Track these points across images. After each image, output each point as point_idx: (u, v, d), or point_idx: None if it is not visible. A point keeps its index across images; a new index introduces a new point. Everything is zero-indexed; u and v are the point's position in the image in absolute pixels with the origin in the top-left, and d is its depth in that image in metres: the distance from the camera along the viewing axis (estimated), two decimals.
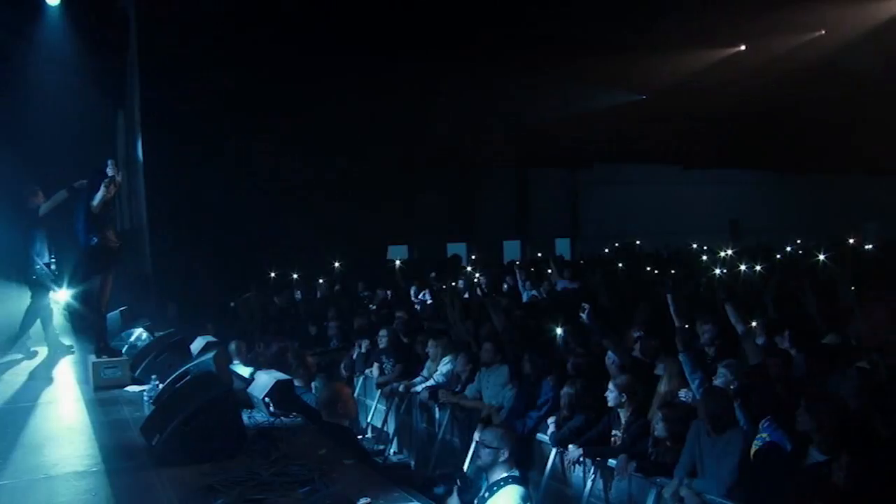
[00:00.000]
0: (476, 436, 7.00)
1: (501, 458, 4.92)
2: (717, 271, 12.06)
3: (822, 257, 12.85)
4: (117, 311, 10.19)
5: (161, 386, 6.54)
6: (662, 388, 6.95)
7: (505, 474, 4.92)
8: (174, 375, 6.42)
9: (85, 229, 7.53)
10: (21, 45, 13.03)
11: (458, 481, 5.17)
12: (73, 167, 9.21)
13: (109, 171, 7.46)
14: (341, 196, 18.56)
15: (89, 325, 8.66)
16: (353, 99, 17.98)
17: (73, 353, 9.32)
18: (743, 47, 21.58)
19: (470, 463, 7.43)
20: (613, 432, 6.65)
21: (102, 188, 7.45)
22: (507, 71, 19.19)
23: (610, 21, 18.23)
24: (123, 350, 8.57)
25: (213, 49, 15.36)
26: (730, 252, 16.03)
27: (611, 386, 6.67)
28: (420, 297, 14.03)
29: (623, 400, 6.60)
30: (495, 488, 4.88)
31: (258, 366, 8.98)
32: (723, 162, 27.40)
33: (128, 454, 5.37)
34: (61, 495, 4.61)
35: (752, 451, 5.62)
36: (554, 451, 7.01)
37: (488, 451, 4.94)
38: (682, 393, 6.70)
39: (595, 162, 26.46)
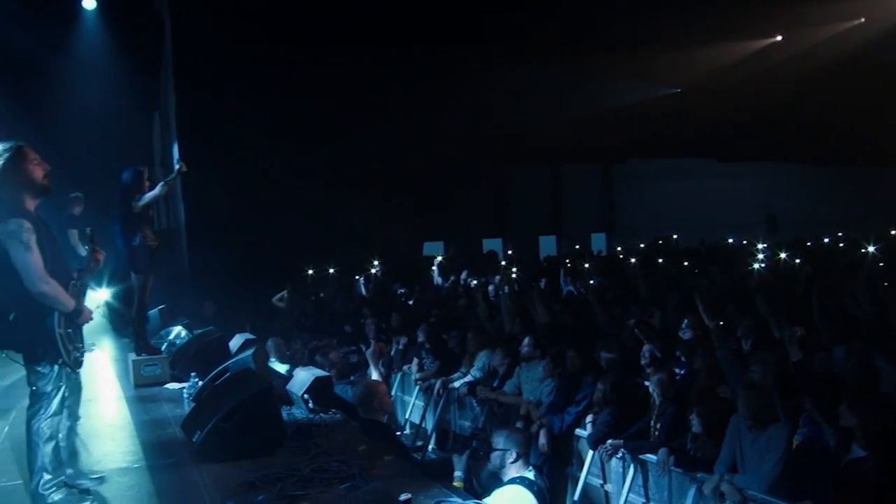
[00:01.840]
0: None
1: (510, 460, 4.91)
2: (756, 266, 11.92)
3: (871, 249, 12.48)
4: (156, 310, 10.29)
5: (200, 383, 6.60)
6: (700, 383, 6.87)
7: (516, 475, 4.89)
8: (213, 373, 6.46)
9: (125, 230, 7.63)
10: (59, 50, 13.25)
11: (473, 443, 5.19)
12: (110, 167, 9.34)
13: (177, 166, 7.78)
14: (377, 194, 18.61)
15: (129, 324, 8.77)
16: (389, 97, 18.02)
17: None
18: (779, 38, 21.28)
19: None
20: (653, 424, 6.58)
21: (161, 186, 7.64)
22: (541, 67, 19.11)
23: (643, 14, 18.07)
24: (163, 348, 8.66)
25: (247, 49, 15.46)
26: (764, 245, 15.84)
27: (651, 379, 6.61)
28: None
29: (659, 391, 6.51)
30: (502, 485, 4.87)
31: (295, 363, 9.03)
32: (759, 155, 27.02)
33: (169, 451, 5.43)
34: (105, 491, 4.66)
35: (794, 446, 5.54)
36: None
37: (497, 454, 4.95)
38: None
39: (630, 156, 26.26)
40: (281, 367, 8.60)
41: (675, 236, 24.12)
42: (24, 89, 12.45)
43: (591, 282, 12.27)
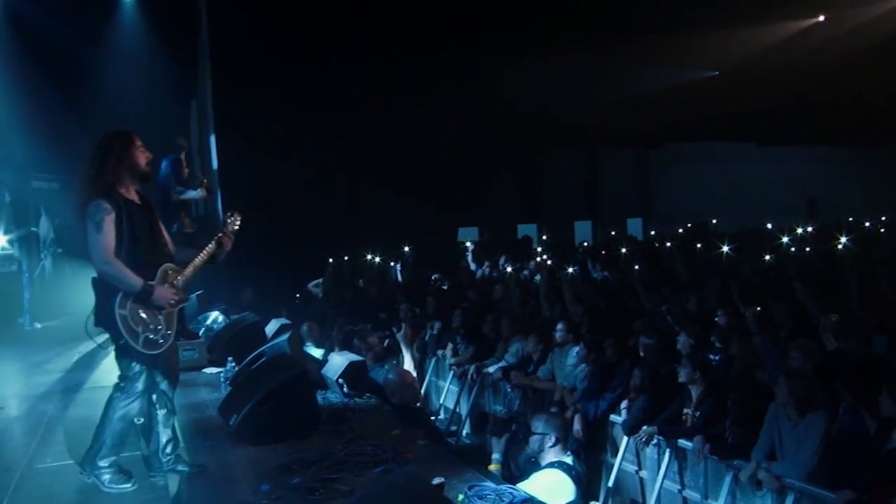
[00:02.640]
0: None
1: (548, 444, 4.97)
2: (794, 250, 11.71)
3: None
4: (194, 296, 10.42)
5: (237, 367, 6.68)
6: (737, 369, 6.80)
7: (554, 459, 4.92)
8: (250, 357, 6.55)
9: (163, 217, 7.71)
10: (98, 41, 13.44)
11: (513, 427, 5.21)
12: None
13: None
14: (412, 180, 18.64)
15: None
16: (425, 83, 18.00)
17: None
18: (822, 18, 20.79)
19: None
20: (685, 411, 6.51)
21: (200, 190, 7.82)
22: (577, 50, 18.92)
23: None
24: (200, 333, 8.78)
25: (282, 39, 15.53)
26: (803, 230, 15.57)
27: (683, 362, 6.53)
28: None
29: (696, 377, 6.43)
30: (540, 469, 4.90)
31: (330, 348, 9.10)
32: (800, 139, 26.54)
33: (206, 433, 5.51)
34: (144, 473, 4.74)
35: (833, 434, 5.46)
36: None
37: (535, 438, 5.02)
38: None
39: (667, 140, 25.97)
40: (315, 352, 8.68)
41: (714, 221, 23.78)
42: (65, 80, 12.65)
43: (637, 267, 12.15)
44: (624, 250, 14.70)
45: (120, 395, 4.44)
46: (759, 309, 7.23)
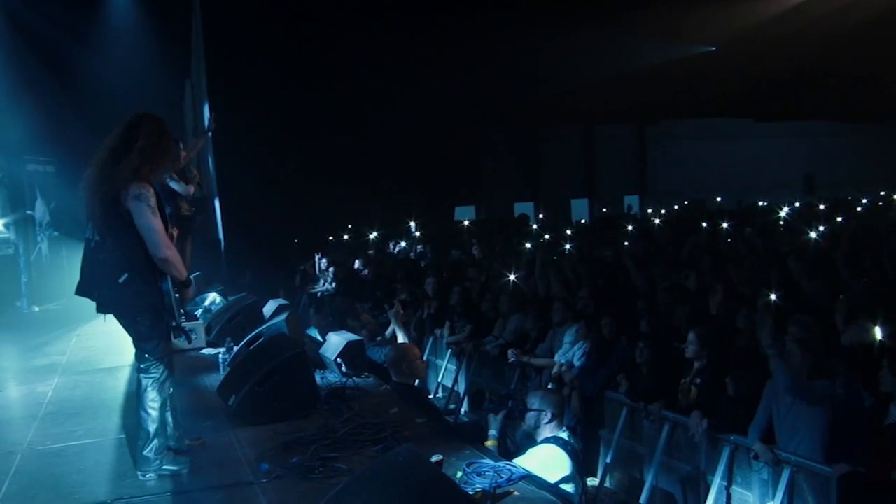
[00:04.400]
0: None
1: (544, 420, 4.99)
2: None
3: None
4: (191, 277, 10.39)
5: (235, 348, 6.69)
6: (741, 342, 6.80)
7: (550, 435, 4.96)
8: (248, 338, 6.55)
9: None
10: (90, 19, 13.35)
11: (510, 404, 5.24)
12: None
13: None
14: (408, 159, 18.59)
15: None
16: (421, 61, 17.91)
17: None
18: None
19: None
20: (682, 380, 6.53)
21: (190, 186, 7.83)
22: (573, 26, 18.83)
23: None
24: (198, 314, 8.78)
25: (277, 13, 15.43)
26: (799, 205, 15.57)
27: (690, 337, 6.52)
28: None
29: (703, 353, 6.42)
30: (536, 445, 4.94)
31: (327, 327, 9.10)
32: (798, 114, 26.48)
33: (205, 414, 5.52)
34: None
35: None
36: (625, 408, 6.93)
37: (532, 414, 5.05)
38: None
39: (664, 117, 25.92)
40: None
41: (686, 202, 23.74)
42: (59, 62, 12.58)
43: (626, 243, 12.15)
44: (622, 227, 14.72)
45: (153, 382, 4.34)
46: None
